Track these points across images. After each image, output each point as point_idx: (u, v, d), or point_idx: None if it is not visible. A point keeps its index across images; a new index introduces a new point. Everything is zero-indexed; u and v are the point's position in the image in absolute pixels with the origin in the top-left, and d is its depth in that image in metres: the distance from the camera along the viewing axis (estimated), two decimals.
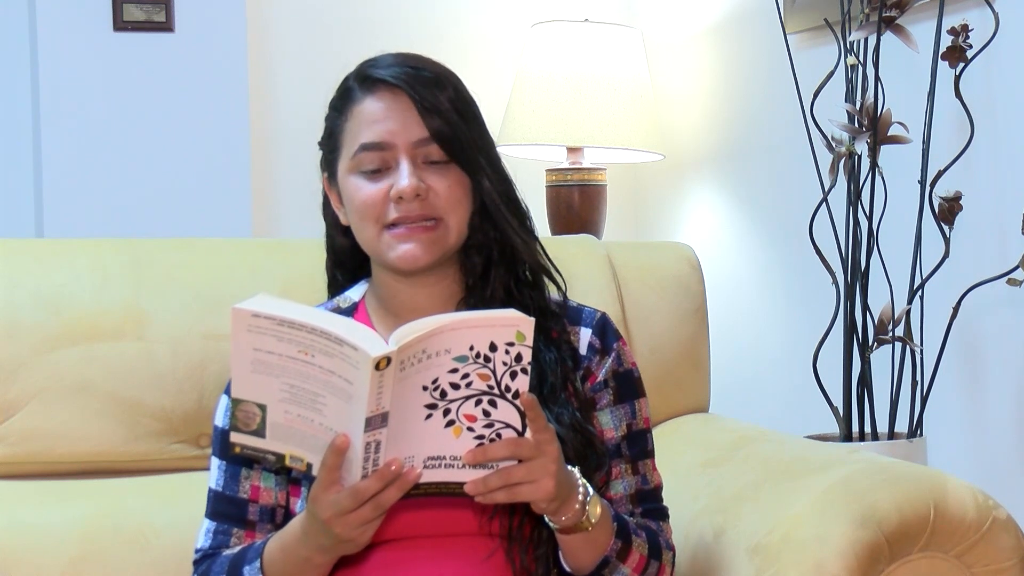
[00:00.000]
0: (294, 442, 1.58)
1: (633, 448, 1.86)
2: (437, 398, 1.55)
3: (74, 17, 3.24)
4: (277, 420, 1.56)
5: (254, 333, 1.53)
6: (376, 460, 1.55)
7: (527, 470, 1.59)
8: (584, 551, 1.73)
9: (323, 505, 1.60)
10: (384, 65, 1.82)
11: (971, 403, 2.79)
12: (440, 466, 1.58)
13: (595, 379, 1.85)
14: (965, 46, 2.54)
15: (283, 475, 1.83)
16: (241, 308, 1.53)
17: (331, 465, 1.56)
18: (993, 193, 2.70)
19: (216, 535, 1.82)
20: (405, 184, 1.77)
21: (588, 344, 1.86)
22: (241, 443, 1.58)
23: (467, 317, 1.55)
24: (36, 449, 2.10)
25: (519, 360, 1.55)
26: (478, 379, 1.55)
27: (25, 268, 2.14)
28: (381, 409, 1.52)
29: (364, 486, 1.56)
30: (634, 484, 1.85)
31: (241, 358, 1.54)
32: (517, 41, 3.59)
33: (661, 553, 1.80)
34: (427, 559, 1.76)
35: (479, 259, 1.84)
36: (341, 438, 1.54)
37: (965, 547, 1.85)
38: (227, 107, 3.34)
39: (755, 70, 3.36)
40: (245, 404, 1.56)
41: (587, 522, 1.69)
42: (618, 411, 1.86)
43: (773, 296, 3.34)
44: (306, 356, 1.52)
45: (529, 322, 1.55)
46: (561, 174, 3.44)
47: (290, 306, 1.55)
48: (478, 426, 1.57)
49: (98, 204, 3.24)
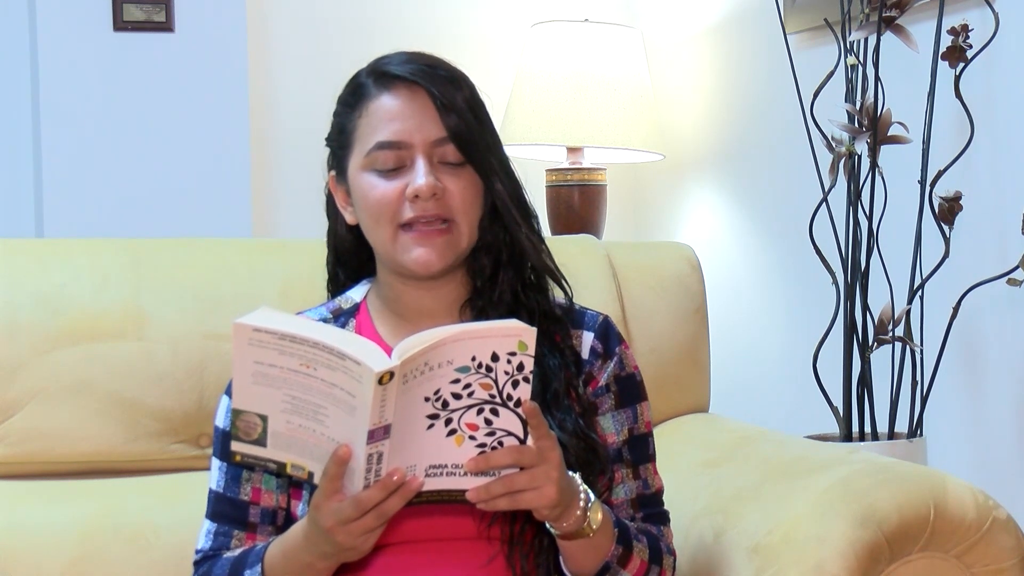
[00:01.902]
0: (295, 451, 1.58)
1: (634, 452, 1.85)
2: (439, 408, 1.55)
3: (74, 17, 3.23)
4: (279, 430, 1.56)
5: (255, 347, 1.53)
6: (378, 471, 1.55)
7: (529, 477, 1.59)
8: (585, 557, 1.73)
9: (325, 514, 1.59)
10: (399, 62, 1.80)
11: (971, 403, 2.79)
12: (442, 474, 1.58)
13: (597, 384, 1.85)
14: (965, 46, 2.54)
15: (284, 478, 1.82)
16: (242, 323, 1.52)
17: (333, 475, 1.56)
18: (993, 193, 2.70)
19: (217, 536, 1.82)
20: (422, 183, 1.75)
21: (590, 348, 1.85)
22: (242, 452, 1.58)
23: (469, 328, 1.55)
24: (36, 449, 2.09)
25: (521, 369, 1.55)
26: (480, 388, 1.55)
27: (25, 268, 2.14)
28: (384, 421, 1.52)
29: (366, 496, 1.56)
30: (635, 489, 1.84)
31: (242, 370, 1.54)
32: (517, 41, 3.59)
33: (662, 558, 1.79)
34: (428, 564, 1.76)
35: (488, 261, 1.83)
36: (343, 449, 1.54)
37: (965, 547, 1.85)
38: (227, 107, 3.34)
39: (755, 70, 3.36)
40: (246, 415, 1.56)
41: (588, 528, 1.68)
42: (620, 416, 1.85)
43: (773, 296, 3.34)
44: (308, 369, 1.52)
45: (531, 332, 1.55)
46: (561, 174, 3.45)
47: (292, 320, 1.55)
48: (480, 434, 1.57)
49: (98, 204, 3.24)
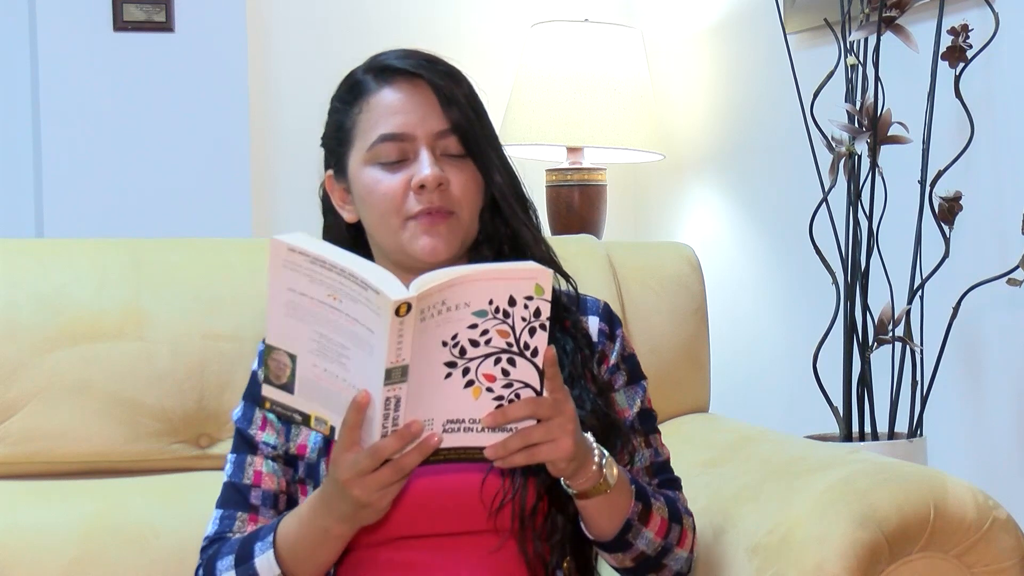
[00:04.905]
0: (319, 401, 1.58)
1: (645, 424, 1.89)
2: (456, 356, 1.55)
3: (74, 17, 3.24)
4: (305, 374, 1.56)
5: (289, 270, 1.53)
6: (396, 419, 1.55)
7: (546, 430, 1.59)
8: (605, 515, 1.73)
9: (343, 466, 1.59)
10: (397, 56, 1.82)
11: (971, 403, 2.79)
12: (459, 430, 1.58)
13: (609, 362, 1.88)
14: (965, 46, 2.54)
15: (280, 463, 1.84)
16: (280, 239, 1.53)
17: (352, 423, 1.56)
18: (993, 193, 2.70)
19: (222, 520, 1.83)
20: (427, 173, 1.77)
21: (599, 330, 1.89)
22: (272, 398, 1.59)
23: (486, 268, 1.56)
24: (36, 449, 2.09)
25: (538, 315, 1.55)
26: (497, 336, 1.55)
27: (25, 268, 2.14)
28: (401, 361, 1.51)
29: (383, 444, 1.56)
30: (648, 457, 1.88)
31: (277, 299, 1.55)
32: (517, 41, 3.59)
33: (682, 517, 1.81)
34: (437, 558, 1.76)
35: (490, 252, 1.85)
36: (362, 394, 1.54)
37: (965, 547, 1.84)
38: (227, 107, 3.34)
39: (755, 70, 3.36)
40: (277, 352, 1.57)
41: (605, 484, 1.69)
42: (630, 391, 1.89)
43: (773, 296, 3.34)
44: (335, 301, 1.53)
45: (547, 273, 1.55)
46: (561, 174, 3.45)
47: (325, 245, 1.56)
48: (497, 386, 1.57)
49: (98, 204, 3.24)
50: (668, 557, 1.79)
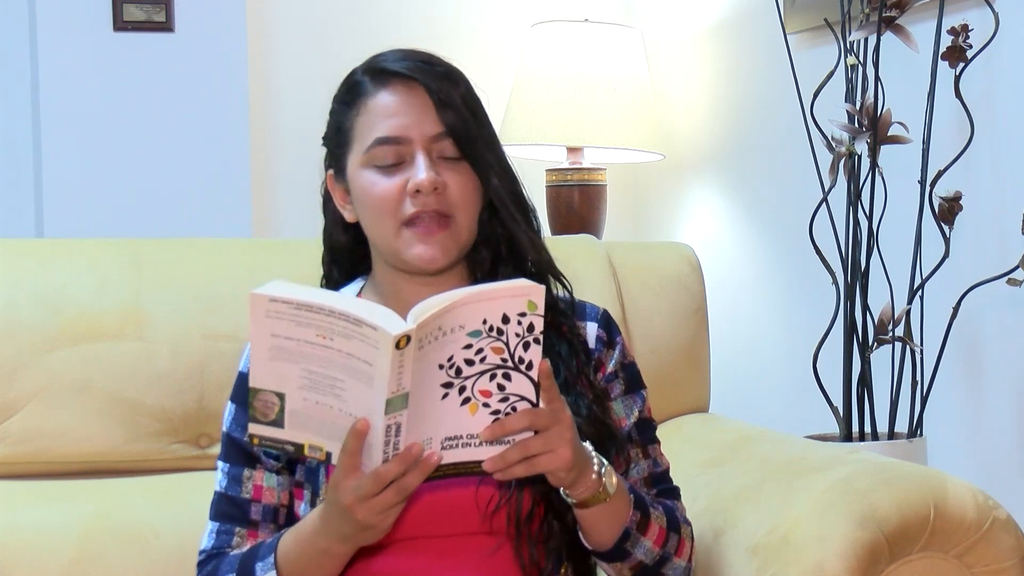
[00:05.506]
0: (313, 430, 1.57)
1: (643, 434, 1.88)
2: (452, 376, 1.55)
3: (74, 17, 3.24)
4: (296, 408, 1.56)
5: (272, 319, 1.53)
6: (396, 444, 1.55)
7: (544, 440, 1.59)
8: (604, 524, 1.73)
9: (344, 491, 1.59)
10: (395, 59, 1.81)
11: (971, 403, 2.79)
12: (458, 446, 1.58)
13: (606, 370, 1.87)
14: (965, 46, 2.54)
15: (285, 476, 1.83)
16: (259, 293, 1.53)
17: (352, 450, 1.55)
18: (993, 193, 2.70)
19: (219, 535, 1.82)
20: (423, 177, 1.76)
21: (596, 337, 1.88)
22: (259, 434, 1.57)
23: (480, 291, 1.55)
24: (36, 449, 2.09)
25: (531, 330, 1.55)
26: (492, 353, 1.55)
27: (25, 268, 2.14)
28: (402, 390, 1.51)
29: (385, 469, 1.55)
30: (646, 468, 1.87)
31: (260, 345, 1.54)
32: (517, 41, 3.59)
33: (680, 526, 1.81)
34: (432, 561, 1.76)
35: (487, 254, 1.84)
36: (362, 422, 1.53)
37: (965, 547, 1.84)
38: (227, 107, 3.34)
39: (755, 70, 3.36)
40: (263, 393, 1.56)
41: (605, 492, 1.69)
42: (628, 400, 1.88)
43: (773, 296, 3.34)
44: (324, 340, 1.52)
45: (540, 290, 1.55)
46: (561, 174, 3.45)
47: (307, 290, 1.55)
48: (493, 401, 1.57)
49: (98, 204, 3.24)
50: (666, 566, 1.79)
